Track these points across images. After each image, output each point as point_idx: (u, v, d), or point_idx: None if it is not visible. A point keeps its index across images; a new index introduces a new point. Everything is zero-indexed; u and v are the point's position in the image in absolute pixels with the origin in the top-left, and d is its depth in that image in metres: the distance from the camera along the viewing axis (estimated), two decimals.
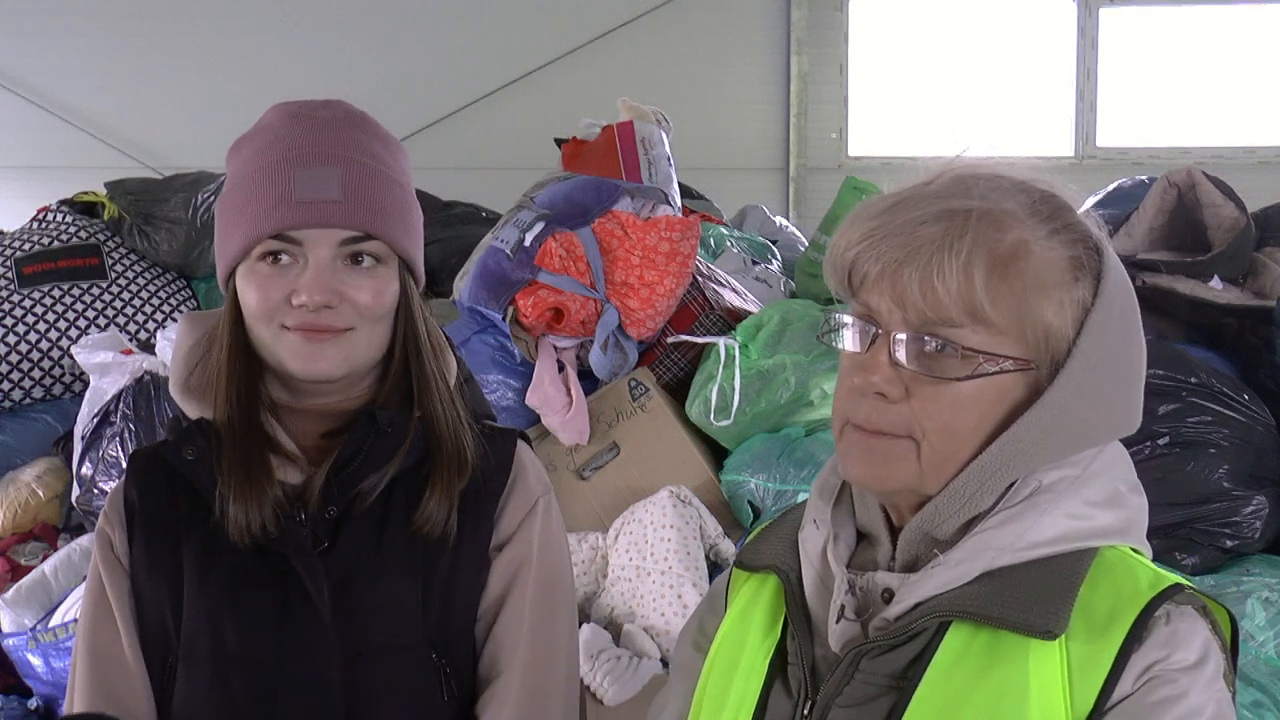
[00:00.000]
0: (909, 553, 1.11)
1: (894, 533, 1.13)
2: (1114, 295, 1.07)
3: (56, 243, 3.83)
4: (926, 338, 1.05)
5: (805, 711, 1.10)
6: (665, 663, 2.53)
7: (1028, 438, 1.06)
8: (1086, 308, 1.06)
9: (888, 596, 1.09)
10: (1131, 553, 1.09)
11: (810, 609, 1.14)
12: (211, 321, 1.46)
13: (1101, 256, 1.08)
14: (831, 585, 1.12)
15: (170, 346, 2.61)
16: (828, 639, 1.10)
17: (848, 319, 1.10)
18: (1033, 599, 1.02)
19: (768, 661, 1.16)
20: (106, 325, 3.67)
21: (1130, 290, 1.11)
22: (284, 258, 1.34)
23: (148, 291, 3.80)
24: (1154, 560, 1.13)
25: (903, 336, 1.05)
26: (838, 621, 1.10)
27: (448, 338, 1.53)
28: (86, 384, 3.33)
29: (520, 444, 1.50)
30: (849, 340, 1.10)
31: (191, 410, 1.44)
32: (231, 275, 1.38)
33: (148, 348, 3.33)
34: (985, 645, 1.03)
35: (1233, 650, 1.08)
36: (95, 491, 3.11)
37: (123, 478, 1.47)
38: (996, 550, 1.05)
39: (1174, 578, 1.06)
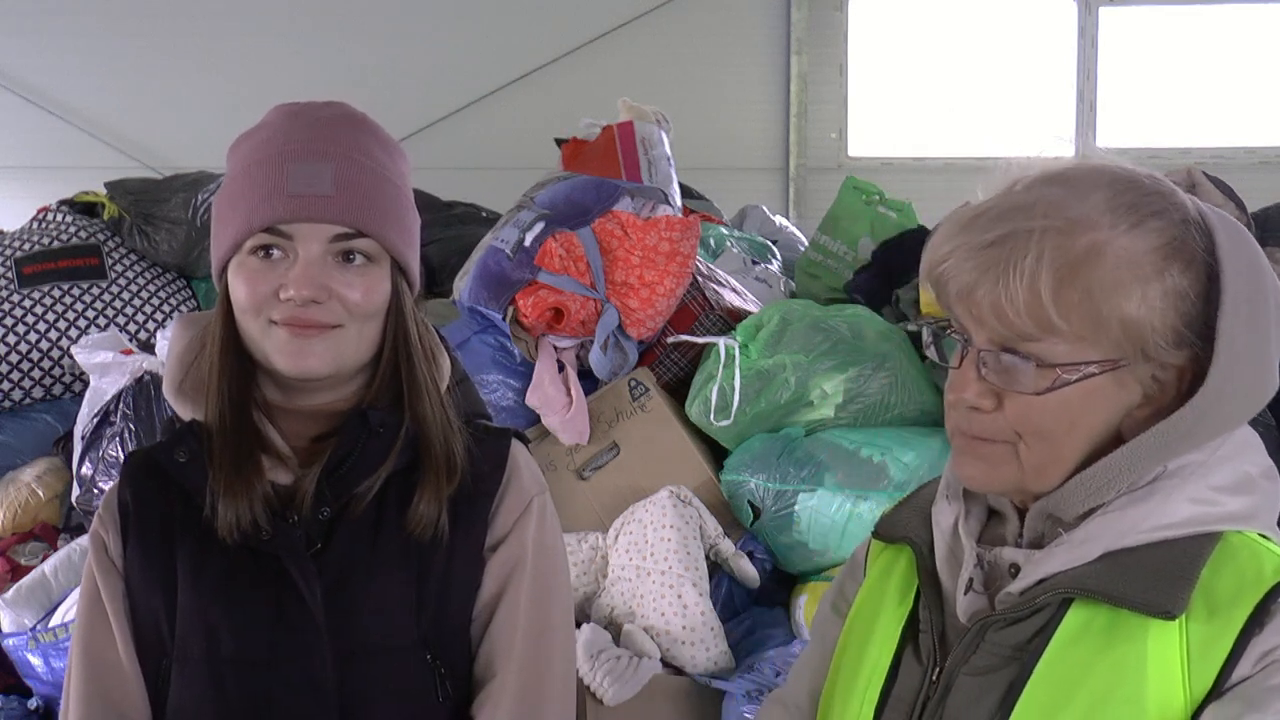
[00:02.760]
0: (1035, 530, 1.15)
1: (1021, 510, 1.17)
2: (1235, 275, 1.07)
3: (56, 243, 3.83)
4: (1005, 354, 1.08)
5: (934, 677, 1.16)
6: (665, 663, 2.53)
7: (1170, 439, 1.08)
8: (1183, 294, 1.06)
9: (1014, 571, 1.13)
10: (1259, 538, 1.11)
11: (941, 580, 1.19)
12: (205, 322, 1.45)
13: (1213, 235, 1.08)
14: (962, 558, 1.17)
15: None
16: (956, 609, 1.15)
17: (944, 334, 1.15)
18: (1153, 579, 1.05)
19: (900, 629, 1.22)
20: (106, 325, 3.67)
21: (1254, 259, 1.10)
22: (275, 252, 1.34)
23: (148, 291, 3.80)
24: None
25: (986, 352, 1.10)
26: (965, 593, 1.15)
27: (444, 339, 1.52)
28: (86, 384, 3.32)
29: (515, 443, 1.49)
30: (946, 354, 1.16)
31: (185, 412, 1.43)
32: (224, 270, 1.38)
33: (148, 348, 3.33)
34: (1106, 623, 1.07)
35: None
36: (95, 491, 3.11)
37: (117, 480, 1.46)
38: (1119, 531, 1.08)
39: None
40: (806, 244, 3.88)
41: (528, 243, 3.04)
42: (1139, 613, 1.04)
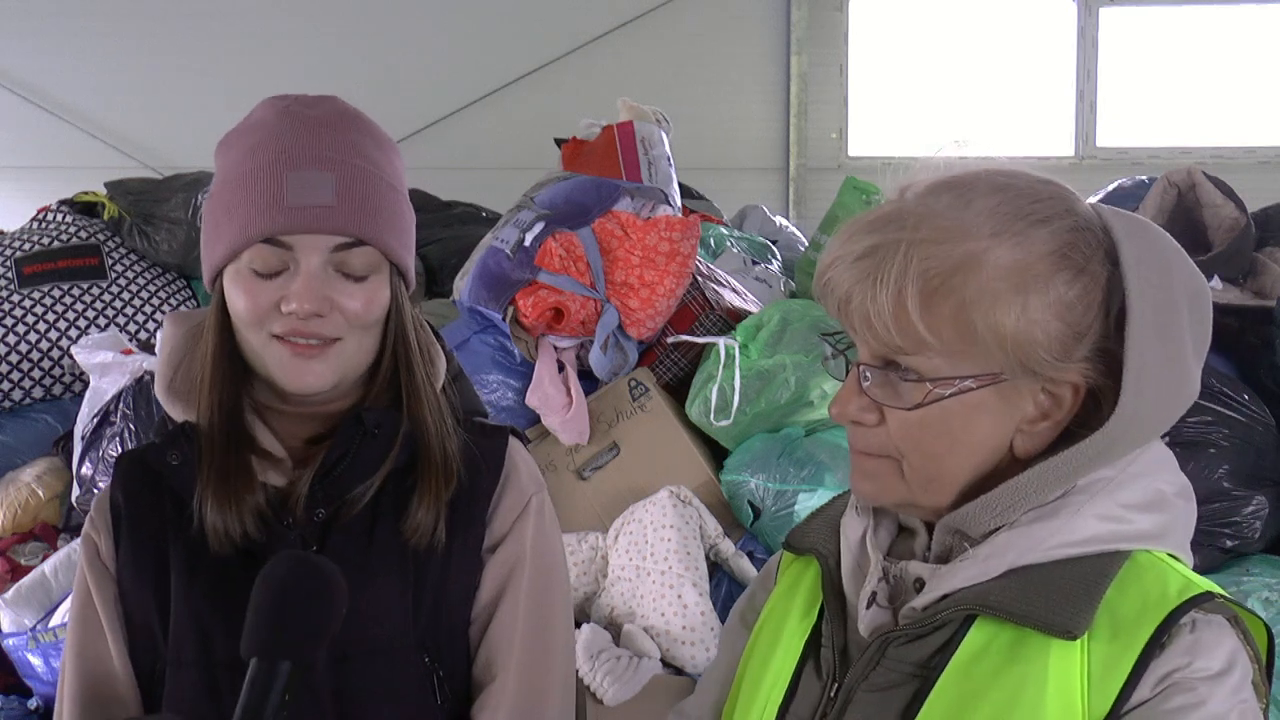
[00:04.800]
0: (943, 544, 1.12)
1: (930, 525, 1.14)
2: (1141, 286, 1.02)
3: (56, 243, 3.83)
4: (882, 368, 1.06)
5: (832, 693, 1.12)
6: (665, 663, 2.53)
7: (1081, 463, 1.05)
8: (1070, 305, 1.02)
9: (919, 586, 1.10)
10: (1167, 558, 1.08)
11: (845, 593, 1.15)
12: (196, 320, 1.44)
13: (1116, 244, 1.03)
14: (868, 571, 1.14)
15: None
16: (858, 624, 1.12)
17: (840, 353, 1.13)
18: (1057, 598, 1.02)
19: (804, 642, 1.18)
20: (106, 325, 3.67)
21: (1164, 264, 1.05)
22: (274, 263, 1.32)
23: (148, 291, 3.80)
24: None
25: (866, 366, 1.07)
26: (868, 607, 1.11)
27: (438, 335, 1.50)
28: (86, 384, 3.32)
29: (512, 441, 1.48)
30: (838, 369, 1.13)
31: (177, 412, 1.42)
32: (218, 276, 1.36)
33: (148, 348, 3.33)
34: (1009, 641, 1.04)
35: (1269, 661, 1.07)
36: (95, 491, 3.11)
37: (108, 482, 1.45)
38: (1024, 548, 1.05)
39: (1206, 585, 1.05)
40: (806, 244, 3.88)
41: (528, 243, 3.04)
42: (1041, 632, 1.01)
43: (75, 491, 3.20)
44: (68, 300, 3.70)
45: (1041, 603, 1.02)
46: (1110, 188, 3.85)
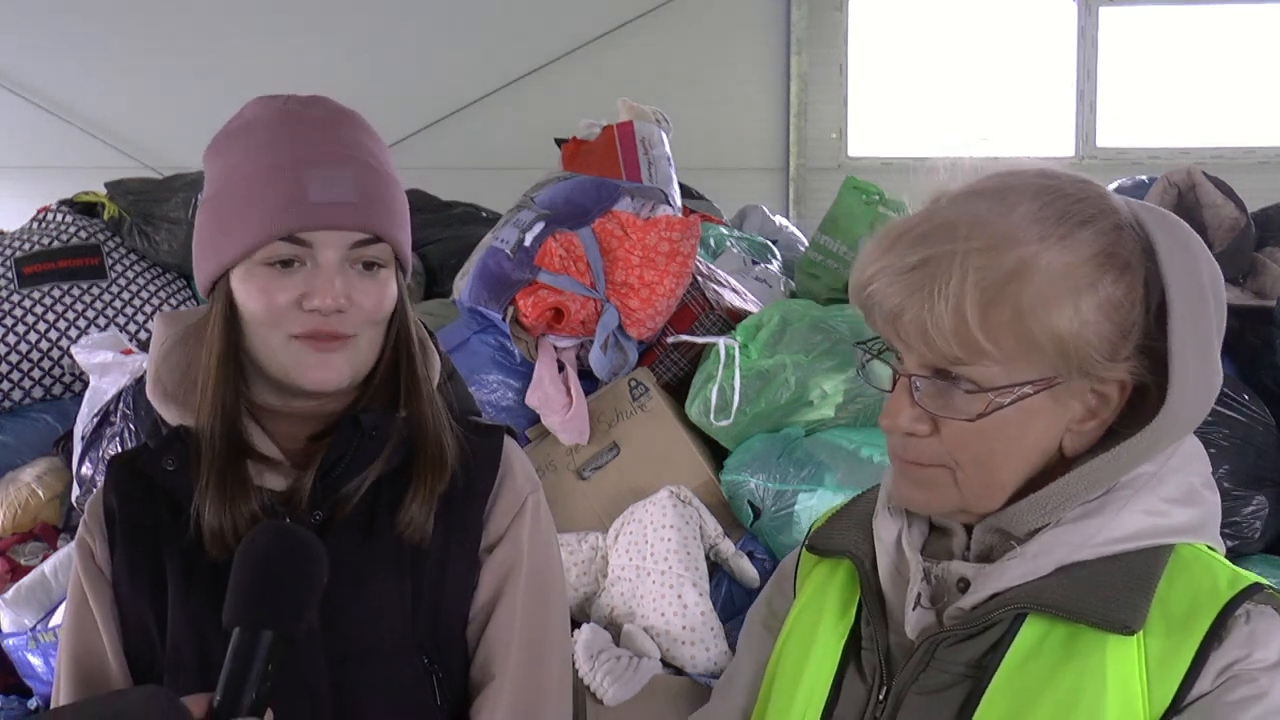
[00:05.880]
0: (983, 543, 1.12)
1: (967, 524, 1.14)
2: (1177, 283, 1.03)
3: (56, 243, 3.83)
4: (936, 378, 1.06)
5: (880, 697, 1.12)
6: (665, 663, 2.53)
7: (1129, 460, 1.06)
8: (1117, 304, 1.03)
9: (963, 586, 1.10)
10: (1207, 550, 1.09)
11: (884, 595, 1.15)
12: (187, 320, 1.44)
13: (1151, 240, 1.04)
14: (906, 572, 1.13)
15: None
16: (903, 626, 1.12)
17: (877, 355, 1.12)
18: (1111, 594, 1.03)
19: (841, 645, 1.17)
20: (106, 325, 3.67)
21: (1190, 257, 1.06)
22: (293, 261, 1.32)
23: (148, 291, 3.80)
24: None
25: (917, 377, 1.07)
26: (914, 609, 1.11)
27: (431, 333, 1.51)
28: (86, 384, 3.32)
29: (508, 441, 1.48)
30: (879, 378, 1.12)
31: (170, 415, 1.42)
32: (220, 279, 1.35)
33: (148, 348, 3.32)
34: (1062, 639, 1.04)
35: None
36: (95, 491, 3.11)
37: (101, 485, 1.45)
38: (1073, 545, 1.06)
39: (1253, 576, 1.06)
40: (806, 244, 3.88)
41: (528, 243, 3.04)
42: (1097, 628, 1.02)
43: (75, 491, 3.20)
44: (68, 300, 3.70)
45: (1096, 599, 1.03)
46: (1110, 188, 3.86)
